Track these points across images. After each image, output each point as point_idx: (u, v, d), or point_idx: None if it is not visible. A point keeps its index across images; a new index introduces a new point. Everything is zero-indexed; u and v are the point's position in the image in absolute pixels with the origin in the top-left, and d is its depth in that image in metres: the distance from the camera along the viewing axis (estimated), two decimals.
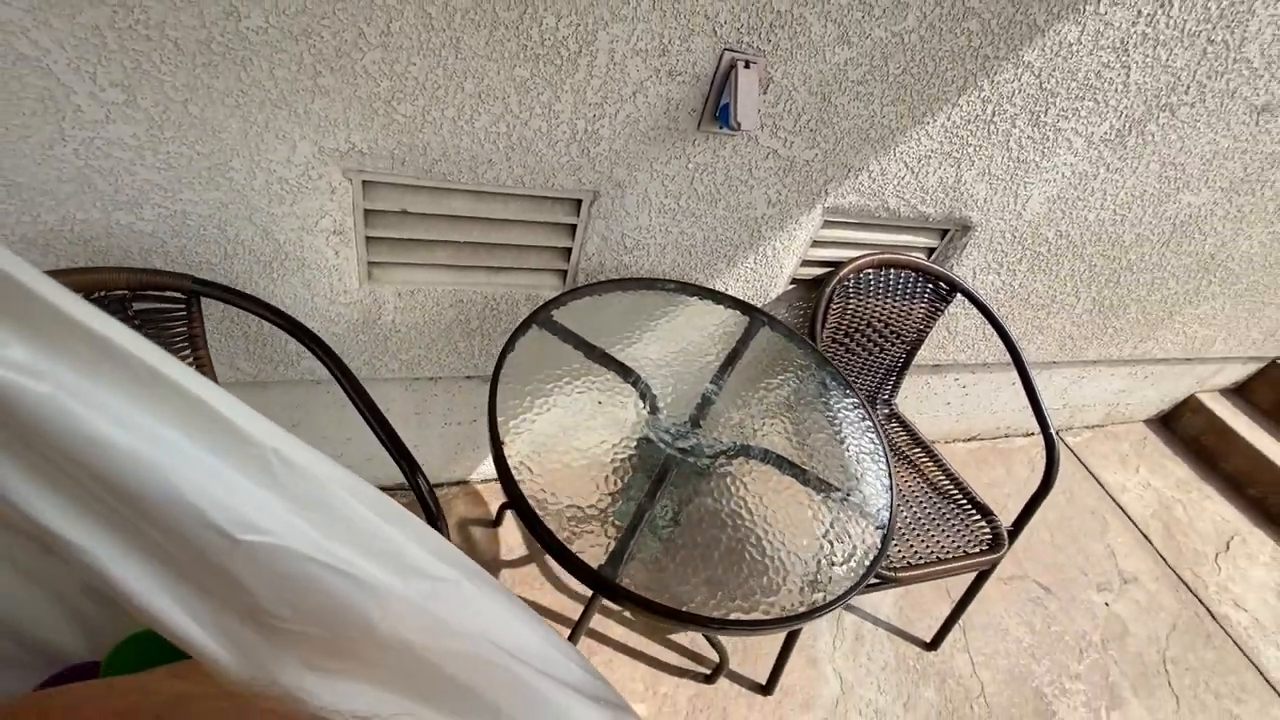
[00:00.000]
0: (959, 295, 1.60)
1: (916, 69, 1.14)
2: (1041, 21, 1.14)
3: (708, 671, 1.54)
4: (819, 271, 1.51)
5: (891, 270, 1.53)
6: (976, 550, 1.44)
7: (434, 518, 0.98)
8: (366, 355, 1.30)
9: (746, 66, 1.02)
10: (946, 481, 1.58)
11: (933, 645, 1.75)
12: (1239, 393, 2.85)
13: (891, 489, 1.02)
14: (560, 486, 0.89)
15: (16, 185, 0.89)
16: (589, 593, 1.60)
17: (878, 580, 1.26)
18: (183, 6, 0.79)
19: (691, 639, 1.59)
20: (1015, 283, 1.74)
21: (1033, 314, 1.88)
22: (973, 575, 1.60)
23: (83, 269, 0.87)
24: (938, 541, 1.43)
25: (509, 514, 1.70)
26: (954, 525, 1.48)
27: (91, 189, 0.92)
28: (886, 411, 1.72)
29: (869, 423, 1.12)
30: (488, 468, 1.75)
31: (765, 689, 1.54)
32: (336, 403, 1.41)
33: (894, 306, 1.57)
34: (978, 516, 1.52)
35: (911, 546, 1.39)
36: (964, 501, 1.55)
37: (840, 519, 0.97)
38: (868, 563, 0.92)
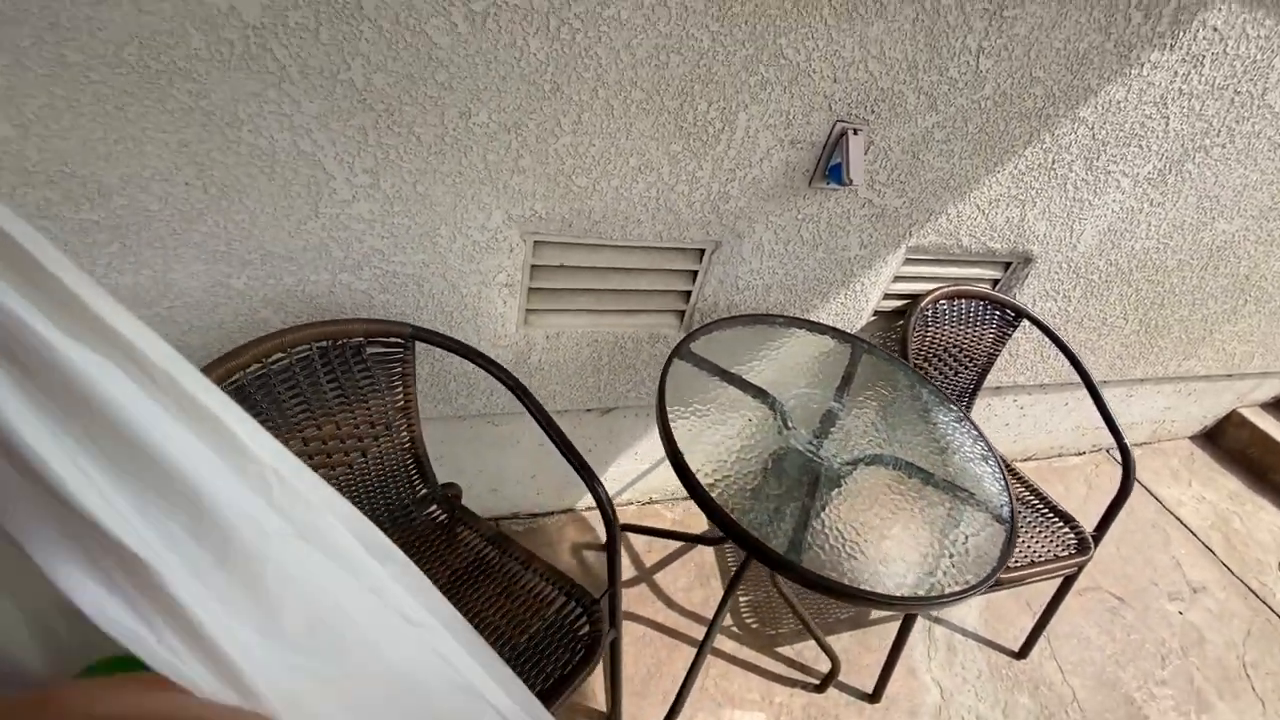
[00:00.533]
0: (1024, 321, 1.76)
1: (991, 128, 1.33)
2: (1095, 85, 1.34)
3: (816, 681, 1.64)
4: (898, 304, 1.68)
5: (963, 300, 1.70)
6: (1066, 554, 1.56)
7: (611, 524, 1.12)
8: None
9: (855, 133, 1.22)
10: (1027, 493, 1.71)
11: (1021, 654, 1.84)
12: (1279, 406, 2.96)
13: (1008, 489, 1.16)
14: (732, 488, 1.03)
15: (270, 254, 1.09)
16: (705, 611, 1.71)
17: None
18: (430, 109, 1.00)
19: (798, 651, 1.70)
20: (1070, 308, 1.90)
21: (1085, 336, 2.04)
22: (1054, 586, 1.71)
23: (332, 320, 1.05)
24: (1029, 547, 1.55)
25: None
26: (1041, 532, 1.60)
27: (326, 255, 1.11)
28: None
29: (975, 432, 1.27)
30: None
31: (872, 697, 1.63)
32: (474, 438, 1.57)
33: (966, 333, 1.73)
34: (1061, 524, 1.64)
35: None
36: (1046, 510, 1.67)
37: (969, 515, 1.11)
38: (999, 552, 1.05)
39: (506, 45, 0.96)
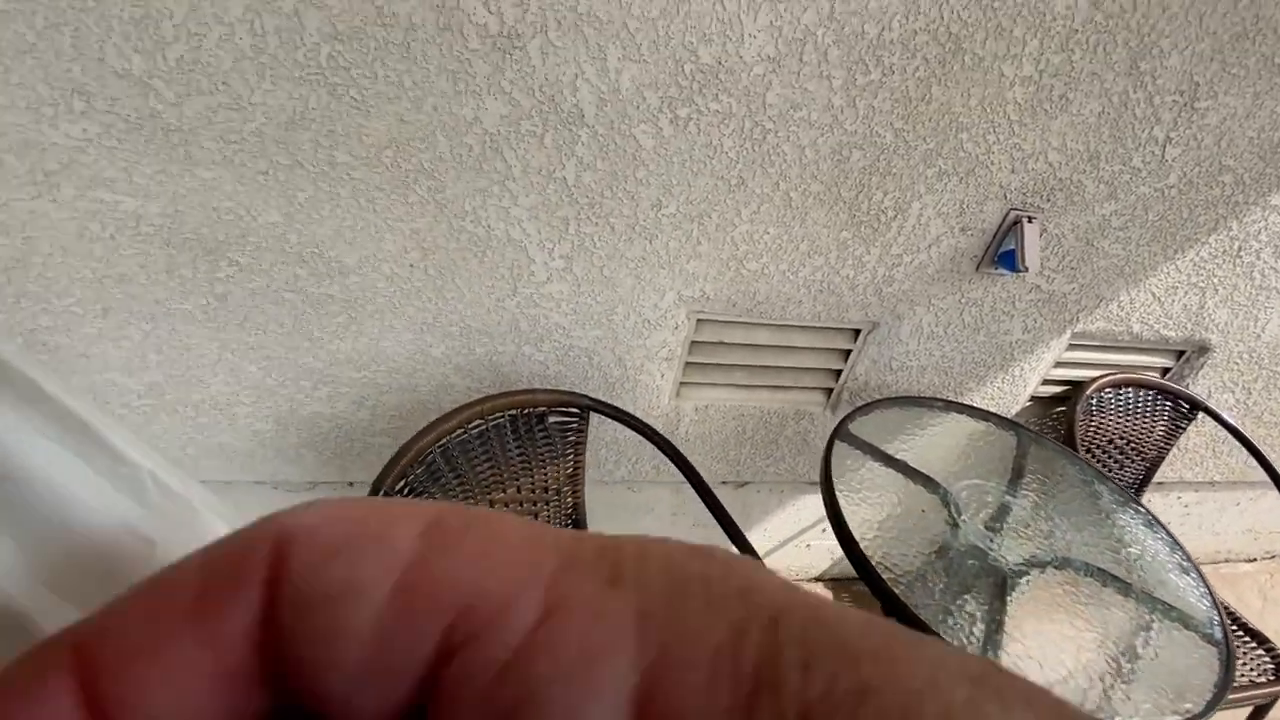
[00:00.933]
0: (1200, 414, 1.62)
1: (1173, 215, 1.28)
2: None
3: None
4: (1056, 390, 1.60)
5: (1131, 389, 1.60)
6: (1263, 680, 1.38)
7: None
8: (656, 461, 1.49)
9: (1029, 221, 1.21)
10: None
11: None
12: None
13: (1216, 605, 1.06)
14: (914, 584, 1.00)
15: (468, 328, 1.19)
16: None
17: None
18: (626, 202, 1.08)
19: None
20: (1250, 401, 1.74)
21: (1265, 432, 1.85)
22: (1239, 716, 1.50)
23: (523, 390, 1.13)
24: None
25: None
26: None
27: (516, 330, 1.20)
28: None
29: (1170, 539, 1.17)
30: None
31: None
32: (612, 502, 1.60)
33: (1134, 424, 1.62)
34: (1253, 644, 1.46)
35: None
36: (1234, 628, 1.49)
37: (1174, 633, 1.01)
38: (1217, 678, 0.95)
39: (703, 145, 1.04)
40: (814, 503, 1.75)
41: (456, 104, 0.94)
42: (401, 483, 0.96)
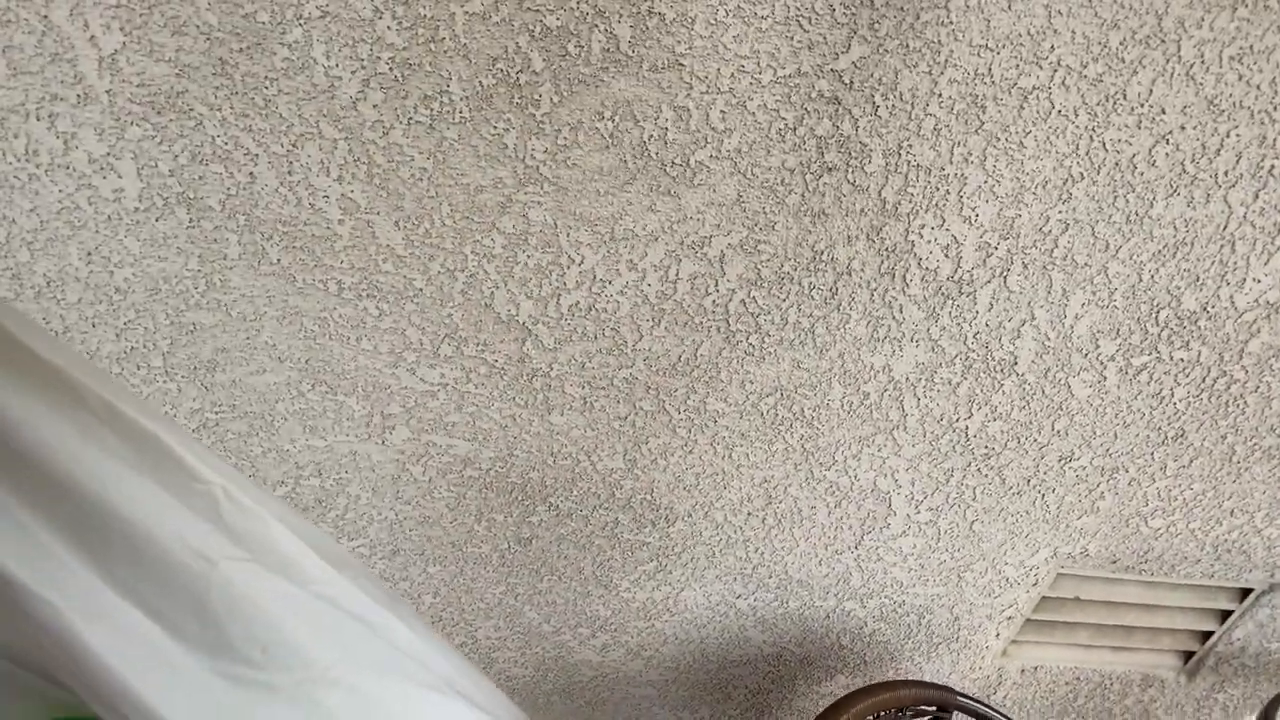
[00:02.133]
0: None
1: None
2: None
3: None
4: None
5: None
6: None
7: None
8: None
9: None
10: None
11: None
12: None
13: None
14: None
15: (788, 579, 0.97)
16: None
17: None
18: (1030, 453, 0.87)
19: None
20: None
21: None
22: None
23: (883, 684, 0.89)
24: None
25: None
26: None
27: (845, 584, 0.98)
28: None
29: None
30: None
31: None
32: None
33: None
34: None
35: None
36: None
37: None
38: None
39: (1148, 395, 0.82)
40: None
41: (868, 350, 0.77)
42: None
